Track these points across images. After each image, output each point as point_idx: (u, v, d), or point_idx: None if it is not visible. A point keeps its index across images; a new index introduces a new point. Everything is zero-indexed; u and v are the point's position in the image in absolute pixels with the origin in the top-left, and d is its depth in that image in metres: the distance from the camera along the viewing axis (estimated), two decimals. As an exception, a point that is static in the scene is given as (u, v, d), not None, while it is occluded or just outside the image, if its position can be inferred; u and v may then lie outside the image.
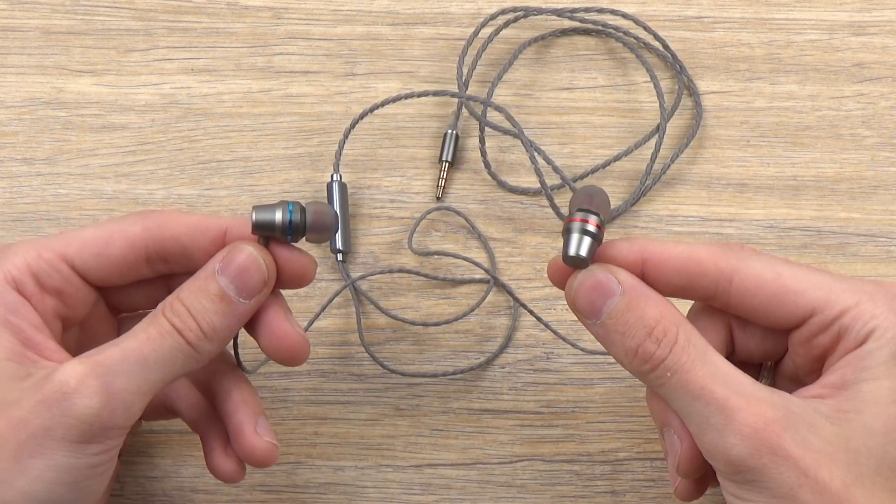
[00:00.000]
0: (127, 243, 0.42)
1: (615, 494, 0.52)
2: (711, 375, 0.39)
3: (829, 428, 0.38)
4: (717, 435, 0.38)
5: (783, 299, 0.40)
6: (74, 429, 0.38)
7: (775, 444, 0.37)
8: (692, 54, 0.59)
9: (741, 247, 0.41)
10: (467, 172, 0.57)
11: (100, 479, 0.40)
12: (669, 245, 0.41)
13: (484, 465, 0.52)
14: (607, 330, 0.40)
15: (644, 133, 0.58)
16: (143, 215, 0.43)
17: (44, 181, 0.56)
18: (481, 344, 0.54)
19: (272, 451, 0.44)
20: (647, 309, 0.39)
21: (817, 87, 0.59)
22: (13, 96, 0.58)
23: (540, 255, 0.55)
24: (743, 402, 0.38)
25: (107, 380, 0.38)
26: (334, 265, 0.55)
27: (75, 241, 0.42)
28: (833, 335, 0.40)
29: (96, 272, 0.42)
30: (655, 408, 0.42)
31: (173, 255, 0.43)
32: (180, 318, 0.40)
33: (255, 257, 0.41)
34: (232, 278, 0.41)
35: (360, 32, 0.59)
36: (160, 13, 0.59)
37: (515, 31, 0.60)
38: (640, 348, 0.39)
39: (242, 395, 0.45)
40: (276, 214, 0.41)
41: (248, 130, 0.57)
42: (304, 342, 0.43)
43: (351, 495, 0.52)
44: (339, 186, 0.55)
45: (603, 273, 0.40)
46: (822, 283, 0.40)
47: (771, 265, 0.41)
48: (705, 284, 0.41)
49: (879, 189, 0.57)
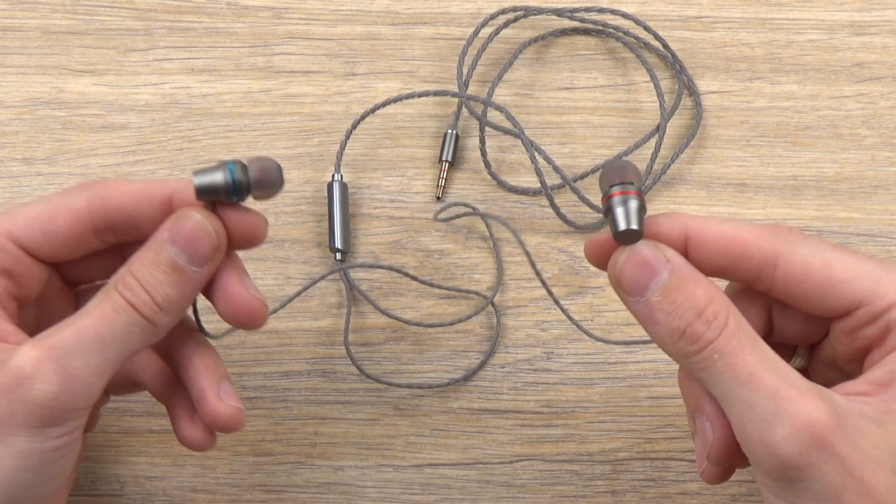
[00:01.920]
0: (72, 217, 0.41)
1: (615, 494, 0.52)
2: (762, 362, 0.37)
3: (875, 431, 0.37)
4: (763, 426, 0.36)
5: (830, 289, 0.39)
6: (34, 414, 0.38)
7: (826, 440, 0.36)
8: (692, 54, 0.59)
9: (789, 230, 0.40)
10: (467, 172, 0.57)
11: (64, 460, 0.40)
12: (713, 223, 0.40)
13: (484, 465, 0.52)
14: (652, 308, 0.38)
15: (644, 133, 0.58)
16: (87, 187, 0.42)
17: (44, 181, 0.56)
18: (481, 344, 0.54)
19: (237, 414, 0.43)
20: (696, 290, 0.38)
21: (817, 87, 0.59)
22: (13, 96, 0.58)
23: (540, 254, 0.55)
24: (795, 393, 0.36)
25: (63, 362, 0.38)
26: (334, 265, 0.55)
27: (20, 218, 0.41)
28: (880, 328, 0.39)
29: (44, 248, 0.42)
30: (689, 392, 0.41)
31: (121, 226, 0.42)
32: (133, 291, 0.39)
33: (203, 224, 0.40)
34: (182, 247, 0.39)
35: (360, 32, 0.59)
36: (160, 13, 0.59)
37: (515, 31, 0.60)
38: (688, 329, 0.37)
39: (204, 361, 0.43)
40: (217, 176, 0.40)
41: (248, 130, 0.57)
42: (261, 305, 0.42)
43: (351, 495, 0.52)
44: (340, 186, 0.55)
45: (651, 249, 0.38)
46: (871, 273, 0.39)
47: (819, 251, 0.39)
48: (748, 267, 0.39)
49: (879, 189, 0.57)
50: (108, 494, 0.51)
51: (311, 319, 0.54)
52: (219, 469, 0.52)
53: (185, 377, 0.44)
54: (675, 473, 0.52)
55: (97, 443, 0.52)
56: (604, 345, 0.54)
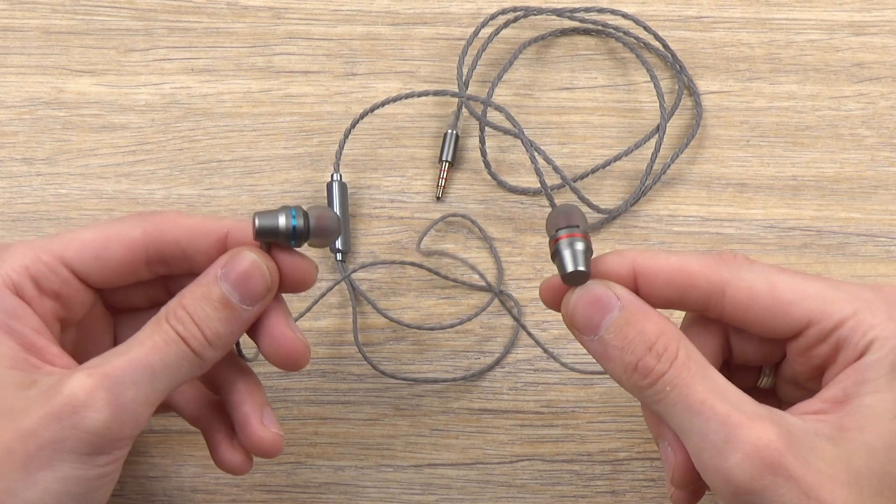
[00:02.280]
0: (126, 247, 0.42)
1: (615, 494, 0.52)
2: (712, 391, 0.38)
3: (830, 449, 0.37)
4: (716, 454, 0.37)
5: (777, 311, 0.39)
6: (84, 441, 0.38)
7: (778, 463, 0.36)
8: (692, 54, 0.59)
9: (734, 256, 0.40)
10: (467, 172, 0.57)
11: (106, 488, 0.40)
12: (661, 257, 0.40)
13: (484, 465, 0.52)
14: (605, 345, 0.39)
15: (644, 133, 0.58)
16: (143, 217, 0.42)
17: (44, 181, 0.56)
18: (482, 345, 0.54)
19: (278, 441, 0.44)
20: (647, 324, 0.39)
21: (817, 87, 0.59)
22: (13, 96, 0.58)
23: (540, 255, 0.55)
24: (745, 419, 0.37)
25: (115, 391, 0.38)
26: (334, 265, 0.55)
27: (74, 243, 0.42)
28: (831, 346, 0.39)
29: (95, 275, 0.42)
30: (650, 419, 0.41)
31: (173, 259, 0.42)
32: (184, 325, 0.40)
33: (259, 264, 0.40)
34: (235, 285, 0.40)
35: (360, 32, 0.59)
36: (160, 13, 0.59)
37: (515, 31, 0.60)
38: (639, 363, 0.38)
39: (248, 387, 0.44)
40: (279, 220, 0.40)
41: (248, 130, 0.57)
42: (305, 348, 0.43)
43: (351, 495, 0.52)
44: (339, 186, 0.55)
45: (601, 288, 0.39)
46: (817, 292, 0.39)
47: (764, 276, 0.40)
48: (697, 297, 0.40)
49: (879, 189, 0.57)
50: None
51: (311, 319, 0.54)
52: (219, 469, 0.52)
53: (227, 402, 0.45)
54: (675, 473, 0.52)
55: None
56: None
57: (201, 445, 0.50)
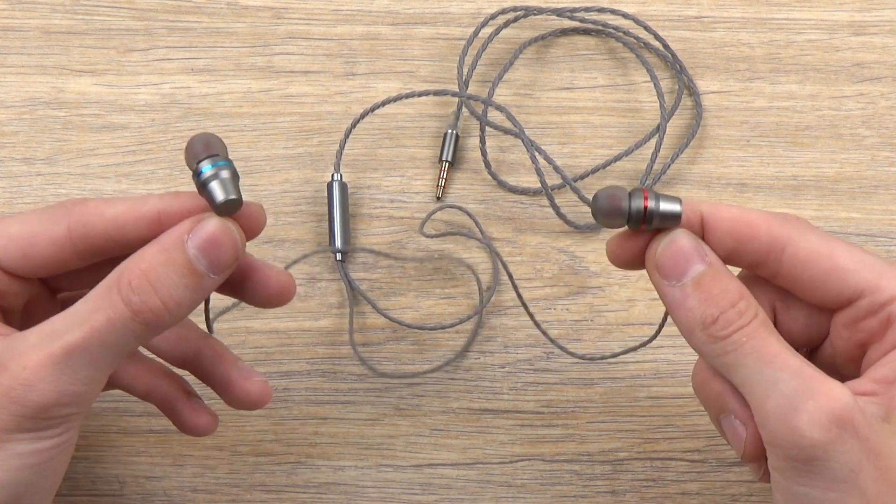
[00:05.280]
0: (52, 244, 0.41)
1: (615, 494, 0.52)
2: (787, 348, 0.38)
3: (886, 427, 0.37)
4: (785, 402, 0.37)
5: (834, 276, 0.40)
6: (32, 419, 0.38)
7: (850, 418, 0.36)
8: (692, 54, 0.59)
9: (797, 219, 0.41)
10: (467, 172, 0.57)
11: (63, 455, 0.40)
12: (723, 206, 0.41)
13: (484, 465, 0.52)
14: (687, 294, 0.39)
15: (644, 133, 0.58)
16: (67, 211, 0.41)
17: (44, 181, 0.56)
18: (482, 344, 0.54)
19: (265, 388, 0.44)
20: (731, 284, 0.39)
21: (817, 87, 0.59)
22: (13, 96, 0.58)
23: (540, 254, 0.55)
24: (819, 374, 0.37)
25: (62, 366, 0.37)
26: (334, 265, 0.55)
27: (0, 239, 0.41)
28: (881, 321, 0.39)
29: (24, 270, 0.41)
30: (711, 393, 0.41)
31: (104, 249, 0.41)
32: (141, 294, 0.38)
33: (230, 229, 0.39)
34: (203, 251, 0.38)
35: (360, 32, 0.59)
36: (160, 13, 0.59)
37: (515, 31, 0.60)
38: (721, 316, 0.38)
39: (215, 348, 0.44)
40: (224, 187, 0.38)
41: (248, 130, 0.57)
42: (291, 280, 0.43)
43: (351, 495, 0.52)
44: (339, 186, 0.55)
45: (691, 241, 0.40)
46: (874, 265, 0.40)
47: (826, 240, 0.40)
48: (756, 249, 0.40)
49: (879, 189, 0.57)
50: (108, 494, 0.51)
51: (311, 319, 0.54)
52: (219, 469, 0.52)
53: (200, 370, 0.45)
54: (675, 473, 0.52)
55: (97, 443, 0.52)
56: (604, 345, 0.54)
57: (201, 445, 0.50)
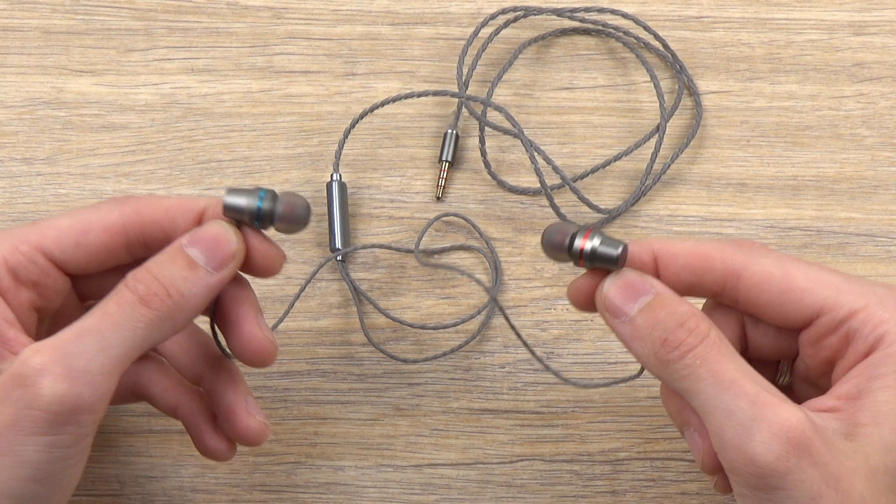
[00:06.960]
0: (106, 231, 0.41)
1: (615, 494, 0.52)
2: (741, 371, 0.38)
3: (846, 444, 0.37)
4: (742, 431, 0.37)
5: (790, 297, 0.40)
6: (42, 419, 0.37)
7: (806, 445, 0.36)
8: (692, 54, 0.59)
9: (751, 244, 0.41)
10: (467, 172, 0.57)
11: (74, 469, 0.40)
12: (677, 242, 0.41)
13: (484, 465, 0.52)
14: (636, 326, 0.40)
15: (644, 133, 0.58)
16: (120, 202, 0.42)
17: (44, 181, 0.56)
18: (482, 344, 0.54)
19: (264, 429, 0.44)
20: (678, 306, 0.39)
21: (817, 87, 0.59)
22: (13, 96, 0.58)
23: (540, 255, 0.55)
24: (775, 400, 0.37)
25: (67, 362, 0.37)
26: (334, 265, 0.55)
27: (52, 230, 0.41)
28: (841, 337, 0.39)
29: (74, 261, 0.42)
30: (673, 407, 0.41)
31: (153, 240, 0.42)
32: (145, 284, 0.39)
33: (226, 229, 0.41)
34: (201, 247, 0.40)
35: (360, 32, 0.59)
36: (160, 13, 0.59)
37: (515, 31, 0.60)
38: (669, 336, 0.39)
39: (229, 377, 0.45)
40: (245, 199, 0.41)
41: (248, 130, 0.57)
42: (272, 346, 0.43)
43: (351, 495, 0.52)
44: (339, 186, 0.55)
45: (636, 275, 0.40)
46: (830, 282, 0.40)
47: (780, 262, 0.40)
48: (713, 280, 0.41)
49: (879, 189, 0.57)
50: (108, 494, 0.51)
51: (311, 319, 0.54)
52: (219, 469, 0.52)
53: (211, 393, 0.45)
54: (675, 473, 0.52)
55: (97, 443, 0.52)
56: (604, 345, 0.54)
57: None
